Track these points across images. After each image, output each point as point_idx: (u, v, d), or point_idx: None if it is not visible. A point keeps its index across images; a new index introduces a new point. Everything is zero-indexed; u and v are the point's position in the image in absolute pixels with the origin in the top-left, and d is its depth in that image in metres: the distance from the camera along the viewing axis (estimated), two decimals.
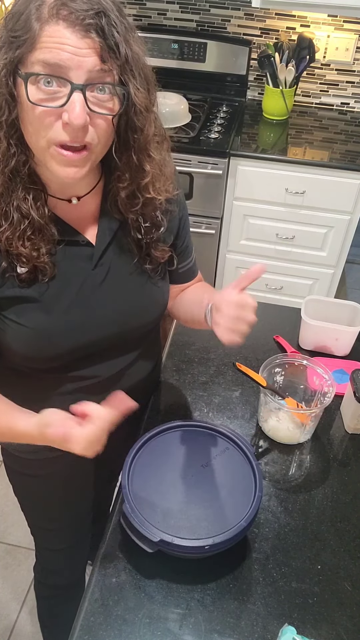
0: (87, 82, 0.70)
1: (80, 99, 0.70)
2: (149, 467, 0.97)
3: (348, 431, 1.19)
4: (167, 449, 1.01)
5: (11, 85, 0.72)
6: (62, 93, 0.71)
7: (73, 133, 0.73)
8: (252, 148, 2.27)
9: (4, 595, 1.82)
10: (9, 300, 0.86)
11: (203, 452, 1.02)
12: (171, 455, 1.00)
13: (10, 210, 0.79)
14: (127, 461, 0.97)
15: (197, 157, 2.20)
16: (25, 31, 0.69)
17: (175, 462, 0.99)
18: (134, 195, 0.87)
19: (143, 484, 0.94)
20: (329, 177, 2.18)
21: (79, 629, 0.86)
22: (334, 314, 1.36)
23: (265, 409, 1.15)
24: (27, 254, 0.81)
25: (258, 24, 2.45)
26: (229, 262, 2.51)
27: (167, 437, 1.03)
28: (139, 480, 0.95)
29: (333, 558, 0.97)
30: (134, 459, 0.98)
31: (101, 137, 0.76)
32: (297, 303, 1.41)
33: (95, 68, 0.70)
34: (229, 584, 0.92)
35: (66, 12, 0.68)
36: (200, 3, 2.44)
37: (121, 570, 0.93)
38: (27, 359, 0.92)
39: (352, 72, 2.48)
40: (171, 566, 0.92)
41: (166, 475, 0.96)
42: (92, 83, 0.71)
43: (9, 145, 0.76)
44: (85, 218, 0.90)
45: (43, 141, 0.75)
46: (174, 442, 1.02)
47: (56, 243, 0.86)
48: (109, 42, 0.70)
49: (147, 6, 2.49)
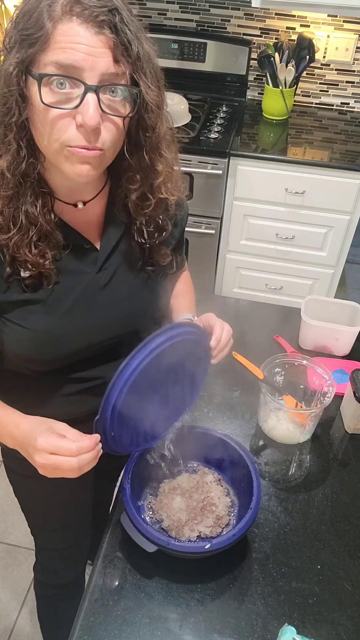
0: (101, 84, 0.70)
1: (94, 99, 0.70)
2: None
3: (348, 431, 1.19)
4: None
5: (22, 85, 0.71)
6: (75, 94, 0.70)
7: (86, 135, 0.73)
8: (252, 148, 2.27)
9: (4, 595, 1.82)
10: (13, 304, 0.86)
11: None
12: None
13: (18, 215, 0.79)
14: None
15: (197, 157, 2.20)
16: (37, 29, 0.68)
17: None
18: (146, 197, 0.87)
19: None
20: (329, 177, 2.18)
21: (79, 629, 0.86)
22: (334, 314, 1.36)
23: (265, 408, 1.15)
24: (33, 260, 0.81)
25: (258, 24, 2.45)
26: (229, 262, 2.51)
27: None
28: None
29: (333, 558, 0.97)
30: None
31: (112, 140, 0.76)
32: (297, 303, 1.41)
33: (109, 70, 0.70)
34: (229, 584, 0.92)
35: (79, 9, 0.67)
36: (200, 3, 2.44)
37: (121, 570, 0.93)
38: (30, 361, 0.92)
39: (352, 72, 2.48)
40: (171, 566, 0.92)
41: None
42: (105, 84, 0.71)
43: (19, 147, 0.75)
44: (91, 222, 0.90)
45: (56, 144, 0.74)
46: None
47: (61, 248, 0.85)
48: (122, 39, 0.70)
49: (147, 6, 2.49)
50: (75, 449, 0.78)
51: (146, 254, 0.94)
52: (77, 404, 0.93)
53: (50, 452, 0.78)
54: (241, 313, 1.55)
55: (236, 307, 1.57)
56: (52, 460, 0.78)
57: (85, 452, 0.79)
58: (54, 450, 0.78)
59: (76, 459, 0.78)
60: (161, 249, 0.95)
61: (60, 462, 0.78)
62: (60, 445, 0.78)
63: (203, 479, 1.03)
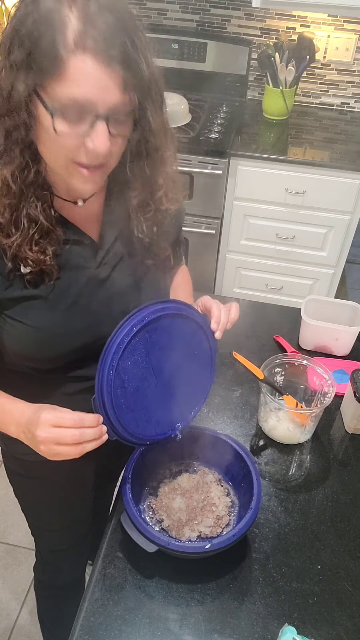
0: (111, 112, 0.72)
1: (104, 127, 0.72)
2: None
3: (348, 431, 1.19)
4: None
5: (32, 107, 0.71)
6: (86, 120, 0.72)
7: (94, 157, 0.75)
8: (252, 148, 2.27)
9: (4, 595, 1.82)
10: (14, 301, 0.86)
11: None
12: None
13: (20, 218, 0.80)
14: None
15: (197, 157, 2.20)
16: (50, 58, 0.67)
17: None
18: (147, 204, 0.89)
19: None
20: (329, 177, 2.18)
21: (79, 629, 0.86)
22: (334, 314, 1.36)
23: (265, 409, 1.15)
24: (34, 257, 0.82)
25: (258, 24, 2.45)
26: (229, 262, 2.51)
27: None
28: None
29: (333, 558, 0.97)
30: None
31: (116, 154, 0.79)
32: (297, 303, 1.41)
33: (118, 101, 0.72)
34: (228, 584, 0.92)
35: (92, 43, 0.67)
36: (200, 3, 2.44)
37: (121, 570, 0.93)
38: (31, 359, 0.92)
39: (352, 72, 2.48)
40: (171, 566, 0.92)
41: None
42: (115, 113, 0.73)
43: (24, 159, 0.76)
44: (90, 218, 0.91)
45: (62, 160, 0.76)
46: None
47: (61, 243, 0.86)
48: (132, 70, 0.71)
49: (147, 6, 2.49)
50: (78, 420, 0.80)
51: (146, 248, 0.94)
52: (80, 403, 0.93)
53: (53, 425, 0.79)
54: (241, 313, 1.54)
55: None
56: (54, 432, 0.79)
57: (88, 426, 0.80)
58: (57, 421, 0.80)
59: (78, 431, 0.79)
60: (161, 243, 0.96)
61: (63, 434, 0.79)
62: (62, 416, 0.80)
63: (203, 479, 1.03)
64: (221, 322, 0.99)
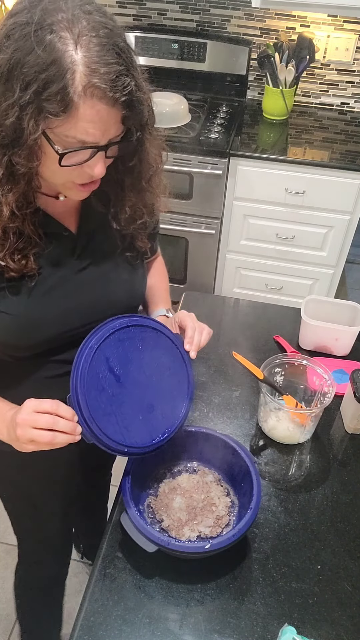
0: (109, 143, 0.77)
1: (102, 156, 0.77)
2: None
3: (348, 431, 1.19)
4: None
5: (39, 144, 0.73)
6: (87, 152, 0.76)
7: (90, 178, 0.80)
8: (252, 148, 2.27)
9: (4, 595, 1.82)
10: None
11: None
12: None
13: (9, 234, 0.82)
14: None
15: (197, 157, 2.20)
16: (61, 103, 0.69)
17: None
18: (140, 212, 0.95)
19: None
20: (329, 177, 2.18)
21: (79, 629, 0.86)
22: (334, 314, 1.36)
23: (265, 409, 1.15)
24: (17, 267, 0.84)
25: (258, 24, 2.45)
26: (229, 262, 2.51)
27: None
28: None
29: (333, 558, 0.97)
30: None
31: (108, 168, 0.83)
32: (297, 303, 1.41)
33: (117, 133, 0.77)
34: (228, 584, 0.92)
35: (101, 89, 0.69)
36: (200, 3, 2.44)
37: (121, 570, 0.93)
38: (10, 347, 0.93)
39: (352, 72, 2.48)
40: (171, 566, 0.92)
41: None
42: (113, 143, 0.77)
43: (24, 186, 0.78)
44: (69, 210, 0.92)
45: (59, 180, 0.81)
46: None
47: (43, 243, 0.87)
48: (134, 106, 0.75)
49: (147, 6, 2.49)
50: (54, 404, 0.83)
51: (126, 240, 0.98)
52: (60, 387, 0.93)
53: (33, 410, 0.82)
54: (241, 313, 1.55)
55: (236, 307, 1.57)
56: (33, 416, 0.82)
57: (62, 415, 0.83)
58: (37, 404, 0.83)
59: (52, 417, 0.82)
60: (140, 236, 0.99)
61: (38, 418, 0.82)
62: (43, 401, 0.83)
63: (203, 479, 1.03)
64: (194, 343, 0.99)
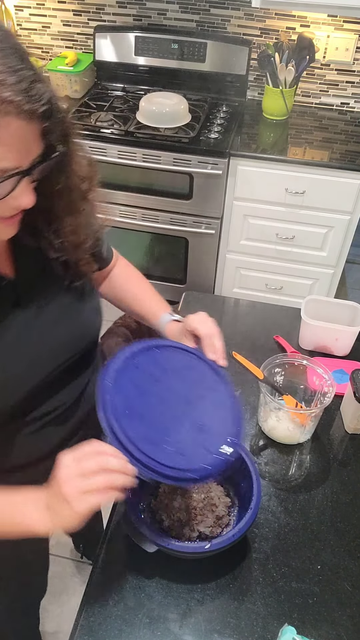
0: (32, 165, 0.66)
1: (28, 183, 0.67)
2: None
3: (348, 431, 1.19)
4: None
5: None
6: (10, 180, 0.65)
7: (16, 210, 0.70)
8: (252, 148, 2.27)
9: None
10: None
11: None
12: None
13: None
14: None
15: (197, 157, 2.20)
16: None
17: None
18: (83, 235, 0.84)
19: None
20: (329, 177, 2.18)
21: (79, 629, 0.86)
22: (334, 314, 1.36)
23: (265, 409, 1.15)
24: None
25: (258, 24, 2.45)
26: (229, 262, 2.51)
27: None
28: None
29: (333, 558, 0.97)
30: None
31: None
32: (297, 303, 1.41)
33: (39, 151, 0.66)
34: (228, 584, 0.92)
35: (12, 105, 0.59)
36: (200, 3, 2.44)
37: (121, 570, 0.93)
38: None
39: (352, 72, 2.48)
40: (171, 566, 0.92)
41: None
42: (37, 164, 0.67)
43: None
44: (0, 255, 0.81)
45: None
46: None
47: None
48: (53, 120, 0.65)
49: (147, 6, 2.49)
50: (97, 446, 0.72)
51: (70, 269, 0.87)
52: (43, 440, 0.88)
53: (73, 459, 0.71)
54: (241, 313, 1.55)
55: (236, 307, 1.57)
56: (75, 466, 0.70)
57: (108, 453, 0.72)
58: (75, 455, 0.71)
59: (99, 456, 0.71)
60: (83, 258, 0.88)
61: (82, 465, 0.70)
62: (80, 449, 0.72)
63: None
64: (218, 350, 0.93)
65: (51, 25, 2.63)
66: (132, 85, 2.55)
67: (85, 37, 2.64)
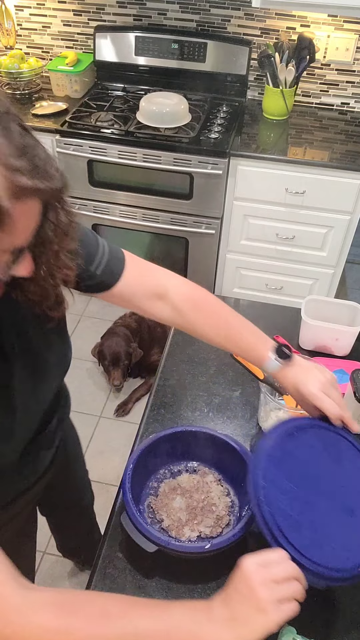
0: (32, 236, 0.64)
1: (28, 255, 0.64)
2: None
3: None
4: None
5: None
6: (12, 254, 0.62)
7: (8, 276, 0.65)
8: (252, 148, 2.27)
9: None
10: None
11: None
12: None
13: None
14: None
15: (197, 157, 2.20)
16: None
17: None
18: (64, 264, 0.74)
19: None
20: (329, 177, 2.18)
21: None
22: (334, 314, 1.36)
23: (265, 409, 1.15)
24: None
25: (258, 24, 2.45)
26: (229, 262, 2.51)
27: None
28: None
29: None
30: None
31: None
32: (297, 303, 1.41)
33: (38, 223, 0.63)
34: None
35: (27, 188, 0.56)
36: (200, 3, 2.44)
37: (121, 570, 0.93)
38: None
39: (352, 72, 2.48)
40: (171, 566, 0.92)
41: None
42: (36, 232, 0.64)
43: None
44: None
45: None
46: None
47: None
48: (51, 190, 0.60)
49: (147, 6, 2.49)
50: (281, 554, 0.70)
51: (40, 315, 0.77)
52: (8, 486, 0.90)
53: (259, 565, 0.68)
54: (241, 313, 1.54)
55: (236, 307, 1.57)
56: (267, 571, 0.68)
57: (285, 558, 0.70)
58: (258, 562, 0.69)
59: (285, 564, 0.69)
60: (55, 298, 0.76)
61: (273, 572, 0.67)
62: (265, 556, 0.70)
63: (203, 479, 1.03)
64: (347, 420, 0.89)
65: (51, 25, 2.63)
66: (132, 85, 2.55)
67: (86, 37, 2.64)
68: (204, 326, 0.99)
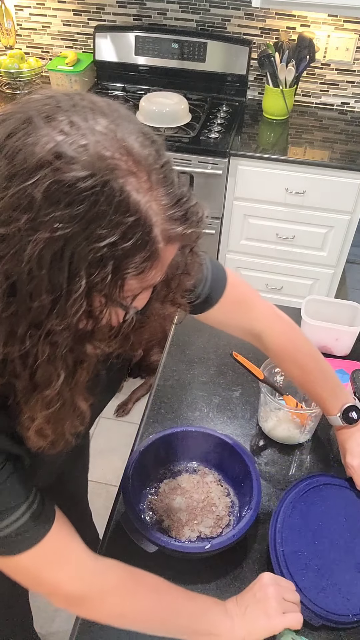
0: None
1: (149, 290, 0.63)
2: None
3: None
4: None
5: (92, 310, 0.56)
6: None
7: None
8: (252, 148, 2.27)
9: None
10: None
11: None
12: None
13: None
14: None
15: (197, 157, 2.20)
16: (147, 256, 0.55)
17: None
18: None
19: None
20: (329, 177, 2.18)
21: (78, 629, 0.86)
22: (334, 314, 1.36)
23: (265, 409, 1.15)
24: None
25: (258, 24, 2.45)
26: (229, 262, 2.51)
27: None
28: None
29: None
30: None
31: None
32: (297, 303, 1.41)
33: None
34: (229, 584, 0.92)
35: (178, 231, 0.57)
36: (200, 3, 2.44)
37: None
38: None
39: (352, 72, 2.48)
40: (171, 566, 0.92)
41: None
42: None
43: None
44: None
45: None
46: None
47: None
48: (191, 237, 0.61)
49: (147, 6, 2.49)
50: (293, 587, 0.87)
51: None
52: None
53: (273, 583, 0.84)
54: None
55: None
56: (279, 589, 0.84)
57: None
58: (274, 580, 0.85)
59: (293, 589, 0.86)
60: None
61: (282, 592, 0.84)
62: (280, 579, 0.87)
63: (203, 479, 1.03)
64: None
65: (51, 25, 2.63)
66: (132, 85, 2.55)
67: (85, 36, 2.64)
68: (287, 372, 1.10)
